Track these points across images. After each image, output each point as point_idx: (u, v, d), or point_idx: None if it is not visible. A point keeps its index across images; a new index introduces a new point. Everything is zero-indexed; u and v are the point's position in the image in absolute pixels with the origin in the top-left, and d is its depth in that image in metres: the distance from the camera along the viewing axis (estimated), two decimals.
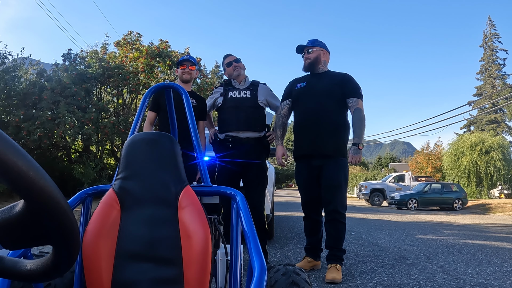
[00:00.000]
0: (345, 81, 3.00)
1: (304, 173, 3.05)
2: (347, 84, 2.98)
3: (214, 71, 35.68)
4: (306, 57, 3.08)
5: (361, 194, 20.84)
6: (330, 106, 2.93)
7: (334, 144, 2.91)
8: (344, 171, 2.97)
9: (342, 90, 2.96)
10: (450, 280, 2.90)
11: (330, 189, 2.90)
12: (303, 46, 3.11)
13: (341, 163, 2.94)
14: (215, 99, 3.16)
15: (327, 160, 2.91)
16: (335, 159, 2.91)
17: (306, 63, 3.09)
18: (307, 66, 3.09)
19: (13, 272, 0.46)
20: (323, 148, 2.90)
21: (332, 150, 2.91)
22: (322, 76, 3.06)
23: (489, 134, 24.93)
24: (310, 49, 3.08)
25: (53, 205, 0.39)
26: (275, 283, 1.22)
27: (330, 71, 3.13)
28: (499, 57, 35.79)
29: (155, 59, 12.84)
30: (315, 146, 2.92)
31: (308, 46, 3.09)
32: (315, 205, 3.06)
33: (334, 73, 3.11)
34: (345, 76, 3.04)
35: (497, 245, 5.02)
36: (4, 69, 11.53)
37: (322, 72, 3.09)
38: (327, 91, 2.95)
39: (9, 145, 0.35)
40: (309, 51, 3.07)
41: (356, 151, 2.88)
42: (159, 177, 1.19)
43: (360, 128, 2.89)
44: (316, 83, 3.03)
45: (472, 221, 9.67)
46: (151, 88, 1.63)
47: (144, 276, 1.10)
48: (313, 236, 3.09)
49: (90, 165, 11.71)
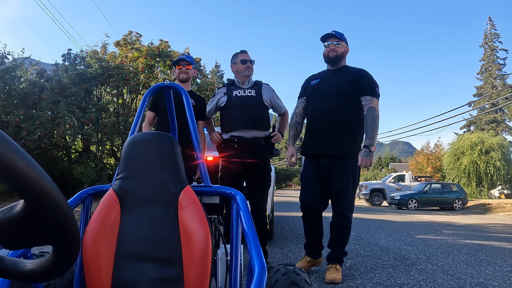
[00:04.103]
0: (360, 78, 2.82)
1: (311, 171, 2.93)
2: (362, 81, 2.81)
3: (214, 71, 35.66)
4: (333, 49, 2.88)
5: (361, 194, 20.83)
6: (342, 104, 2.77)
7: (345, 145, 2.77)
8: (354, 174, 2.83)
9: (356, 87, 2.79)
10: (450, 280, 2.90)
11: (338, 192, 2.81)
12: (331, 36, 2.91)
13: (352, 165, 2.79)
14: (218, 99, 3.08)
15: (337, 161, 2.78)
16: (346, 160, 2.78)
17: (331, 55, 2.89)
18: (332, 58, 2.90)
19: (13, 272, 0.46)
20: (333, 149, 2.78)
21: (342, 151, 2.77)
22: (337, 72, 2.91)
23: (489, 134, 24.93)
24: (339, 43, 2.89)
25: (53, 205, 0.39)
26: (275, 283, 1.22)
27: (347, 67, 2.97)
28: (499, 57, 35.78)
29: (155, 59, 12.84)
30: (325, 146, 2.80)
31: (338, 38, 2.89)
32: (317, 205, 2.93)
33: (350, 68, 2.94)
34: (361, 72, 2.87)
35: (497, 245, 5.02)
36: (4, 69, 11.53)
37: (339, 67, 2.94)
38: (340, 89, 2.80)
39: (9, 145, 0.35)
40: (338, 44, 2.89)
41: (367, 154, 2.67)
42: (159, 177, 1.19)
43: (373, 129, 2.71)
44: (330, 80, 2.89)
45: (472, 221, 9.67)
46: (151, 88, 1.63)
47: (144, 276, 1.10)
48: (313, 235, 3.00)
49: (90, 165, 11.72)
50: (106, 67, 12.16)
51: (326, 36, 2.93)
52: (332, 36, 2.91)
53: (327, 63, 2.98)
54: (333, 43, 2.89)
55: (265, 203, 3.08)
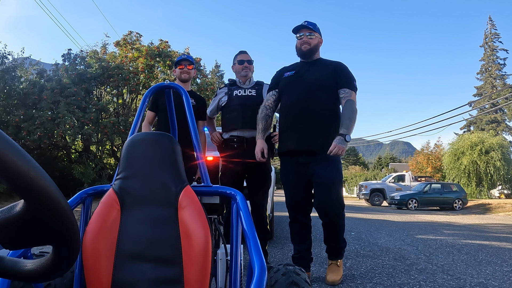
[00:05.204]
0: (338, 71, 2.69)
1: (290, 171, 2.75)
2: (340, 74, 2.68)
3: (214, 71, 35.66)
4: (305, 41, 2.72)
5: (361, 194, 20.85)
6: (320, 97, 2.63)
7: (324, 140, 2.56)
8: (337, 166, 2.65)
9: (335, 80, 2.66)
10: (450, 280, 2.90)
11: (323, 188, 2.59)
12: (303, 27, 2.74)
13: (332, 158, 2.56)
14: (219, 99, 3.10)
15: (315, 157, 2.60)
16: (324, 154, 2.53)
17: (304, 48, 2.73)
18: (306, 52, 2.74)
19: (13, 272, 0.46)
20: (311, 144, 2.60)
21: (320, 146, 2.57)
22: (314, 65, 2.75)
23: (489, 134, 24.94)
24: (312, 34, 2.73)
25: (53, 205, 0.39)
26: (275, 283, 1.22)
27: (323, 59, 2.82)
28: (499, 57, 35.79)
29: (155, 59, 12.85)
30: (302, 142, 2.62)
31: (310, 29, 2.73)
32: (302, 207, 2.76)
33: (326, 61, 2.79)
34: (339, 65, 2.73)
35: (497, 245, 5.02)
36: (4, 69, 11.54)
37: (314, 60, 2.79)
38: (318, 81, 2.65)
39: (9, 145, 0.35)
40: (311, 35, 2.72)
41: (342, 141, 2.46)
42: (159, 177, 1.19)
43: (351, 119, 2.54)
44: (306, 72, 2.71)
45: (472, 221, 9.67)
46: (151, 88, 1.63)
47: (144, 276, 1.10)
48: (301, 243, 2.77)
49: (90, 165, 11.73)
50: (106, 67, 12.17)
51: (298, 27, 2.76)
52: (304, 28, 2.74)
53: (300, 57, 2.82)
54: (305, 35, 2.73)
55: (265, 203, 3.08)
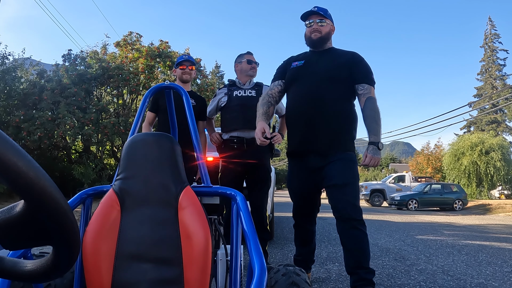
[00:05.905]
0: (355, 63, 2.37)
1: (297, 174, 2.49)
2: (358, 67, 2.36)
3: (214, 71, 35.68)
4: (316, 29, 2.41)
5: (361, 195, 20.85)
6: (332, 91, 2.31)
7: (334, 139, 2.30)
8: (351, 166, 2.31)
9: (350, 73, 2.35)
10: (450, 281, 2.90)
11: (335, 191, 2.27)
12: (313, 13, 2.43)
13: (347, 157, 2.30)
14: (219, 99, 3.10)
15: (326, 159, 2.31)
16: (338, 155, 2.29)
17: (314, 36, 2.41)
18: (316, 41, 2.42)
19: (13, 272, 0.46)
20: (319, 144, 2.31)
21: (329, 147, 2.30)
22: (325, 54, 2.44)
23: (489, 135, 24.93)
24: (324, 21, 2.42)
25: (53, 205, 0.39)
26: (275, 283, 1.22)
27: (335, 49, 2.50)
28: (499, 58, 35.79)
29: (155, 59, 12.87)
30: (309, 142, 2.34)
31: (321, 15, 2.42)
32: (308, 213, 2.56)
33: (340, 51, 2.48)
34: (355, 56, 2.41)
35: (497, 245, 5.02)
36: (5, 70, 11.55)
37: (326, 49, 2.48)
38: (330, 73, 2.34)
39: (9, 145, 0.35)
40: (322, 22, 2.41)
41: (376, 152, 2.22)
42: (159, 177, 1.19)
43: (377, 122, 2.27)
44: (317, 62, 2.41)
45: (472, 222, 9.67)
46: (151, 88, 1.63)
47: (144, 277, 1.10)
48: (305, 246, 2.63)
49: (90, 166, 11.73)
50: (106, 68, 12.18)
51: (307, 13, 2.46)
52: (314, 14, 2.43)
53: (310, 46, 2.51)
54: (315, 21, 2.42)
55: (265, 203, 3.08)
